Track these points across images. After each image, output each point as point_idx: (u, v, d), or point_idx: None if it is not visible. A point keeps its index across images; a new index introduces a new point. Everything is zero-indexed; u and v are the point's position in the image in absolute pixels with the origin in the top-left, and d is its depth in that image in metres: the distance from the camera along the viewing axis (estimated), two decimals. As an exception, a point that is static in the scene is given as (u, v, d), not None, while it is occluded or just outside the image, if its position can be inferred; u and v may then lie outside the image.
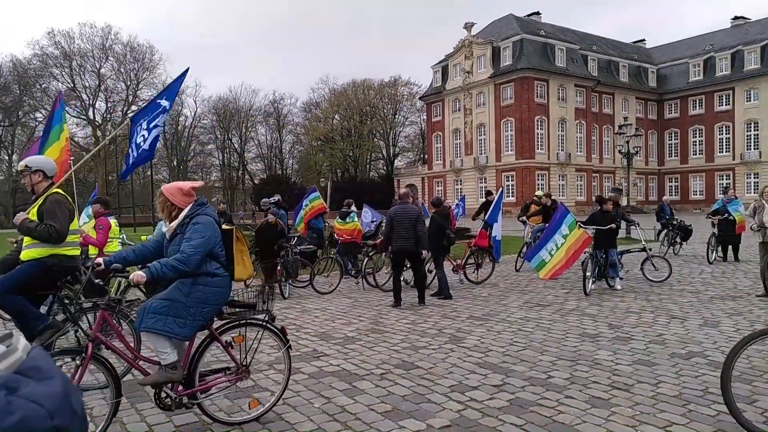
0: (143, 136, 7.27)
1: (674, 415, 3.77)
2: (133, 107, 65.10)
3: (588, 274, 8.78)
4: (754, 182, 49.34)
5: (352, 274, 10.75)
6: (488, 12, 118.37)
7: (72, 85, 60.94)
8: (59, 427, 0.92)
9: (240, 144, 76.13)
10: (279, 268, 9.19)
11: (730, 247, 12.73)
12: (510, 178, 50.53)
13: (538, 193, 16.43)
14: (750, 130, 51.91)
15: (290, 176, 75.49)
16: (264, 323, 3.90)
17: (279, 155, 78.88)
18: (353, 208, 11.11)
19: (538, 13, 56.26)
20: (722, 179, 52.36)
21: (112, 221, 7.60)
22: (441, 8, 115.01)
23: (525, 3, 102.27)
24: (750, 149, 51.52)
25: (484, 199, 14.40)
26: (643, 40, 65.47)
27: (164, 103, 7.30)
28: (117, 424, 3.83)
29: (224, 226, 3.77)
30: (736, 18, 57.69)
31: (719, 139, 54.21)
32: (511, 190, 48.50)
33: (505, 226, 13.47)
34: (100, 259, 3.58)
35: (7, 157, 61.89)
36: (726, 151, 53.62)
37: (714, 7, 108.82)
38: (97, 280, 3.98)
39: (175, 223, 3.60)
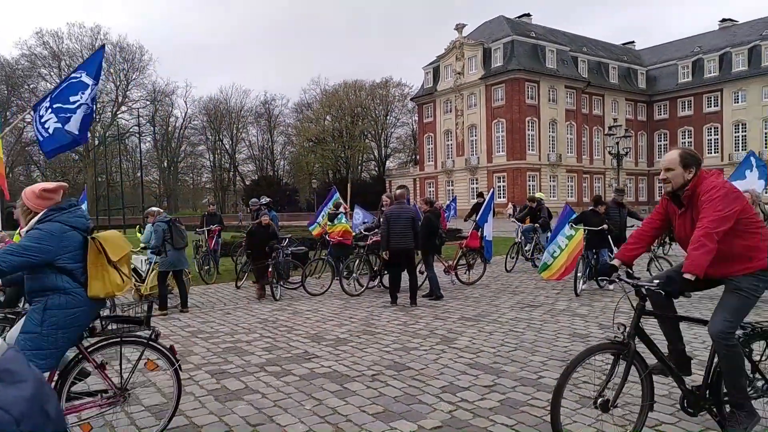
0: (63, 115, 6.61)
1: (663, 414, 3.80)
2: (123, 108, 64.81)
3: (579, 274, 8.83)
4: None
5: (344, 275, 10.73)
6: (480, 14, 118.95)
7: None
8: None
9: (231, 145, 75.88)
10: (270, 269, 9.16)
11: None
12: (501, 179, 50.73)
13: (538, 195, 16.52)
14: (738, 132, 52.49)
15: (281, 177, 75.35)
16: (147, 341, 3.47)
17: (270, 156, 78.70)
18: (342, 209, 11.10)
19: (528, 15, 56.55)
20: (711, 180, 52.82)
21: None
22: (433, 9, 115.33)
23: (518, 5, 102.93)
24: (738, 150, 52.03)
25: (475, 201, 14.47)
26: (633, 41, 66.04)
27: (86, 79, 6.66)
28: (106, 428, 3.81)
29: (92, 234, 3.30)
30: (723, 20, 58.31)
31: (708, 140, 54.76)
32: (502, 191, 48.69)
33: (497, 226, 13.52)
34: None
35: (-6, 159, 61.23)
36: (715, 152, 54.16)
37: (702, 9, 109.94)
38: None
39: (23, 230, 3.21)
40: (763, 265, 3.12)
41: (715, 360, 3.21)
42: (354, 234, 10.59)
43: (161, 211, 8.71)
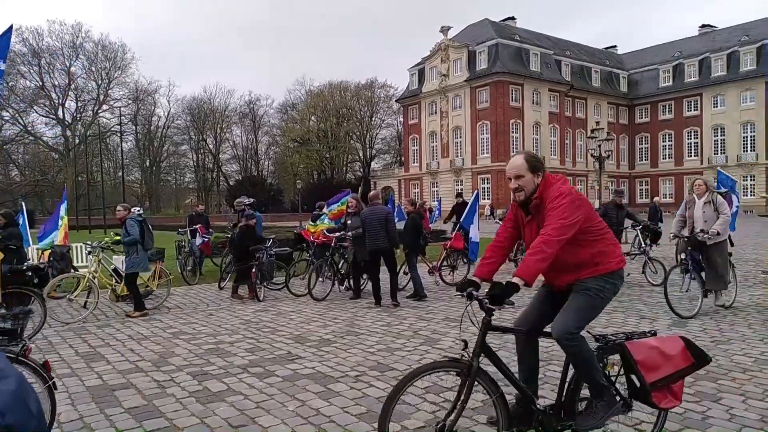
0: None
1: (643, 413, 3.84)
2: (105, 106, 63.95)
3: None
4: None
5: (328, 276, 10.70)
6: (465, 16, 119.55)
7: (41, 83, 59.48)
8: (11, 426, 0.90)
9: (215, 145, 75.30)
10: (254, 270, 9.11)
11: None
12: (486, 181, 51.05)
13: None
14: (717, 135, 53.45)
15: (266, 178, 74.96)
16: (16, 356, 3.08)
17: (255, 156, 78.26)
18: (325, 210, 11.06)
19: (513, 18, 57.02)
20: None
21: None
22: (419, 11, 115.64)
23: (503, 9, 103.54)
24: (717, 153, 53.03)
25: (454, 202, 14.49)
26: (615, 46, 66.97)
27: None
28: (85, 430, 3.75)
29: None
30: (703, 26, 59.37)
31: (688, 143, 55.69)
32: (486, 193, 48.99)
33: (482, 228, 13.57)
34: None
35: (-28, 157, 60.01)
36: (694, 156, 55.09)
37: (682, 15, 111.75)
38: None
39: None
40: (610, 269, 3.01)
41: (569, 375, 3.06)
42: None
43: (129, 206, 8.45)
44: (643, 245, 10.24)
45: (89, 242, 9.22)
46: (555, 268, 3.03)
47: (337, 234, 9.58)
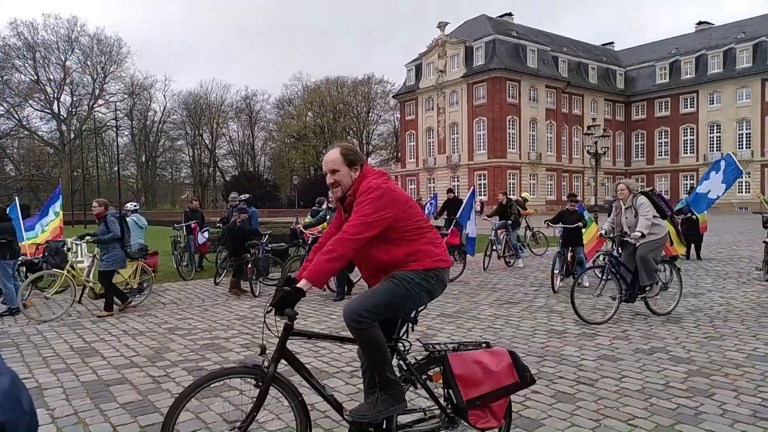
0: None
1: (636, 408, 3.87)
2: (100, 101, 63.65)
3: (556, 272, 8.94)
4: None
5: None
6: (462, 12, 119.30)
7: (36, 77, 59.17)
8: (4, 423, 0.90)
9: (211, 140, 75.13)
10: (249, 266, 9.10)
11: (692, 245, 13.12)
12: (482, 177, 51.07)
13: (524, 194, 16.61)
14: (713, 132, 53.60)
15: (262, 173, 74.82)
16: None
17: (251, 152, 78.12)
18: (324, 206, 11.04)
19: (510, 14, 56.94)
20: (686, 179, 53.96)
21: None
22: (417, 7, 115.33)
23: (500, 4, 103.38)
24: (713, 150, 53.16)
25: (446, 198, 14.46)
26: (612, 42, 66.96)
27: None
28: (80, 426, 3.75)
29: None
30: (700, 23, 59.42)
31: (684, 140, 55.82)
32: (483, 189, 49.01)
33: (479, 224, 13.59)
34: None
35: (-34, 151, 59.71)
36: (690, 152, 55.25)
37: (679, 11, 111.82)
38: None
39: None
40: (424, 266, 2.79)
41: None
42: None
43: (107, 202, 8.26)
44: None
45: (68, 239, 8.91)
46: (370, 267, 2.88)
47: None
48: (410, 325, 2.91)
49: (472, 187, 12.43)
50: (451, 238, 10.64)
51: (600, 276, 6.89)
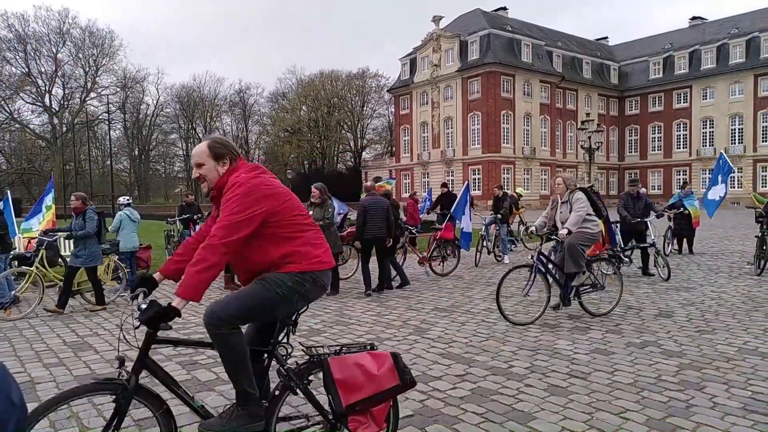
0: None
1: (628, 402, 3.90)
2: (92, 94, 63.17)
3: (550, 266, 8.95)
4: (710, 177, 51.17)
5: None
6: (457, 5, 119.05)
7: (27, 70, 58.60)
8: None
9: (204, 134, 74.67)
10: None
11: (684, 239, 13.22)
12: (476, 172, 51.11)
13: (519, 189, 16.66)
14: (706, 128, 53.83)
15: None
16: None
17: (245, 146, 77.73)
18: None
19: (504, 9, 56.87)
20: (679, 174, 54.21)
21: None
22: (411, 0, 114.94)
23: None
24: (705, 146, 53.45)
25: (440, 192, 14.47)
26: (606, 37, 66.99)
27: None
28: (73, 419, 3.74)
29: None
30: (693, 18, 59.57)
31: (677, 135, 56.04)
32: (477, 184, 49.07)
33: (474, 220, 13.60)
34: None
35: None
36: (683, 148, 55.49)
37: (673, 6, 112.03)
38: None
39: None
40: (299, 268, 2.62)
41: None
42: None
43: (85, 196, 8.08)
44: (652, 237, 9.92)
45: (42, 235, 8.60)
46: (245, 269, 2.70)
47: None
48: (290, 328, 2.75)
49: (466, 182, 12.42)
50: (446, 232, 10.65)
51: (528, 275, 6.43)
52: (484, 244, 12.46)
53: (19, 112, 59.98)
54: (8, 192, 12.15)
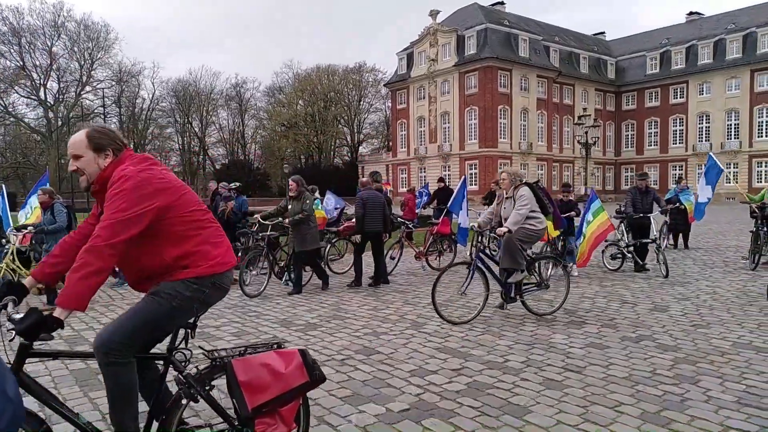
0: None
1: (623, 395, 3.92)
2: (88, 88, 62.79)
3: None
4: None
5: (263, 268, 10.56)
6: (456, 0, 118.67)
7: (21, 63, 58.12)
8: None
9: (200, 128, 74.42)
10: (240, 255, 9.07)
11: (680, 234, 13.27)
12: (473, 167, 51.11)
13: None
14: (702, 123, 53.92)
15: (253, 162, 74.35)
16: None
17: (241, 140, 77.52)
18: (317, 195, 11.01)
19: (502, 3, 56.73)
20: (675, 170, 54.32)
21: None
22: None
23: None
24: (702, 141, 53.54)
25: (436, 187, 14.46)
26: (603, 32, 66.92)
27: None
28: (69, 414, 3.74)
29: None
30: (690, 13, 59.54)
31: (673, 130, 56.13)
32: (474, 179, 49.06)
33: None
34: None
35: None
36: (679, 143, 55.57)
37: (670, 2, 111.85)
38: None
39: None
40: (198, 273, 2.42)
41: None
42: (327, 219, 10.57)
43: (53, 191, 7.94)
44: (655, 233, 9.78)
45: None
46: (133, 271, 2.48)
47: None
48: (189, 332, 2.55)
49: (463, 177, 12.42)
50: (442, 227, 10.66)
51: (466, 273, 6.25)
52: (480, 239, 12.47)
53: (13, 106, 59.58)
54: (3, 186, 12.09)
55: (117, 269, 9.00)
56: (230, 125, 76.72)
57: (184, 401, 2.46)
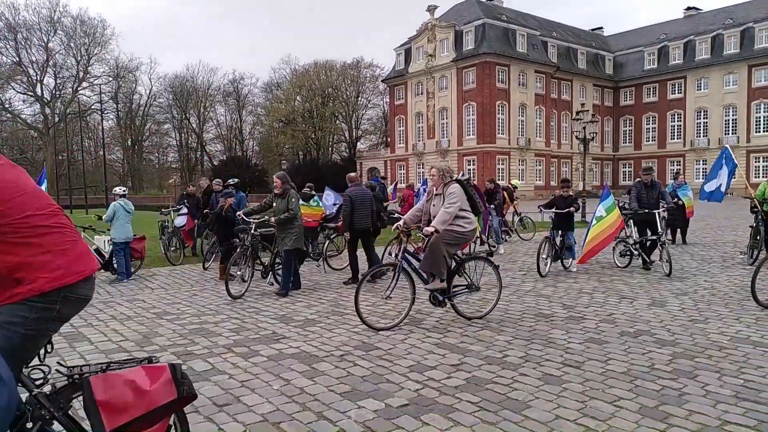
0: None
1: (622, 390, 3.93)
2: (84, 84, 62.58)
3: (544, 255, 9.01)
4: (703, 168, 51.45)
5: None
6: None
7: (17, 59, 57.92)
8: None
9: (198, 124, 74.28)
10: (238, 250, 9.04)
11: (678, 230, 13.29)
12: (471, 162, 51.11)
13: (514, 181, 16.66)
14: (700, 118, 53.97)
15: (250, 158, 74.20)
16: None
17: (239, 136, 77.39)
18: (312, 192, 11.00)
19: (500, -2, 56.64)
20: (673, 165, 54.38)
21: None
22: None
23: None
24: (699, 136, 53.62)
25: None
26: (601, 27, 66.89)
27: None
28: (68, 410, 3.73)
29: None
30: (688, 8, 59.51)
31: (671, 126, 56.18)
32: (472, 174, 49.06)
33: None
34: None
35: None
36: (677, 138, 55.64)
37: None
38: None
39: None
40: (42, 288, 2.10)
41: None
42: (325, 215, 10.58)
43: None
44: (660, 230, 9.55)
45: None
46: None
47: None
48: (46, 347, 2.33)
49: (460, 173, 12.43)
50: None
51: (391, 275, 5.95)
52: (478, 234, 12.49)
53: (10, 102, 59.44)
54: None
55: (114, 265, 9.08)
56: (228, 121, 76.64)
57: (29, 425, 2.13)
